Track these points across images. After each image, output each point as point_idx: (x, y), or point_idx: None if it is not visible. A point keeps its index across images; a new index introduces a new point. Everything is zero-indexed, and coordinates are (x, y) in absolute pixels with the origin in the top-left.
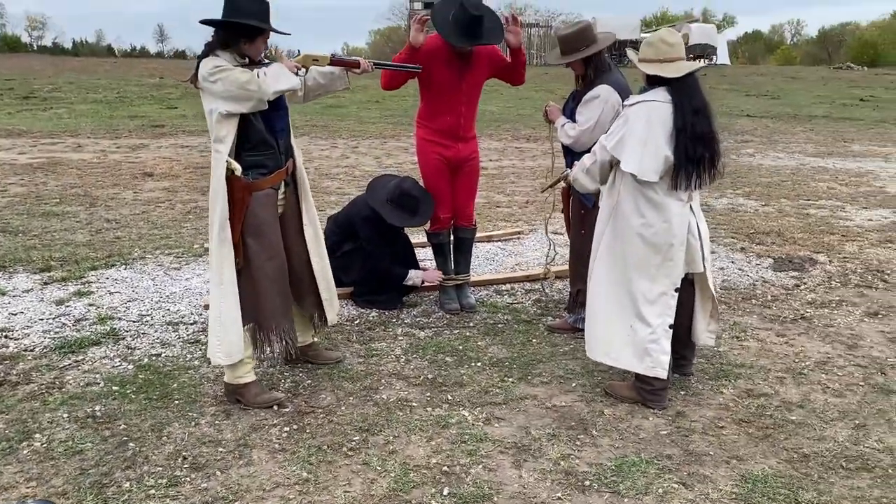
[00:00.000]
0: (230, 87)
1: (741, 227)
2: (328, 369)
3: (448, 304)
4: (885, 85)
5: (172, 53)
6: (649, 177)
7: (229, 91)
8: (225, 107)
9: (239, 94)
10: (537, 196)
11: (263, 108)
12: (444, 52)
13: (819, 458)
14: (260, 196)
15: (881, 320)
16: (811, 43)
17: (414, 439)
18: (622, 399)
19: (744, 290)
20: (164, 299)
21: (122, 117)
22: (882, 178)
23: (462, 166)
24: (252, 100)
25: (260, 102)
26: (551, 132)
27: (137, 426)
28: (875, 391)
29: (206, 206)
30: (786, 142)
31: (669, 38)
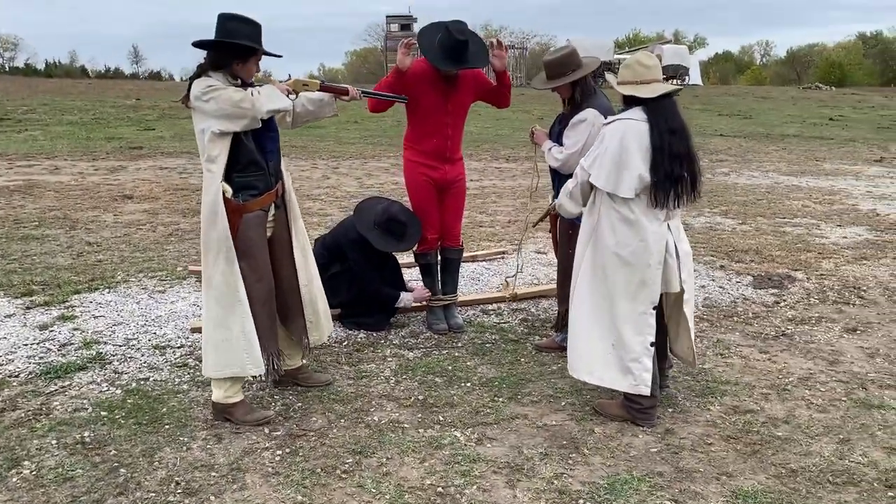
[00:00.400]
0: (224, 105)
1: (720, 246)
2: (318, 391)
3: (436, 324)
4: (853, 105)
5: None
6: (623, 192)
7: (223, 109)
8: (218, 125)
9: (233, 112)
10: (519, 215)
11: (257, 126)
12: (431, 76)
13: (806, 473)
14: (250, 218)
15: (860, 336)
16: (780, 63)
17: (407, 461)
18: (612, 417)
19: (725, 308)
20: (149, 323)
21: (99, 139)
22: (854, 195)
23: (449, 187)
24: (246, 118)
25: (254, 121)
26: (537, 154)
27: (128, 451)
28: (857, 406)
29: (187, 229)
30: (759, 161)
31: (646, 61)
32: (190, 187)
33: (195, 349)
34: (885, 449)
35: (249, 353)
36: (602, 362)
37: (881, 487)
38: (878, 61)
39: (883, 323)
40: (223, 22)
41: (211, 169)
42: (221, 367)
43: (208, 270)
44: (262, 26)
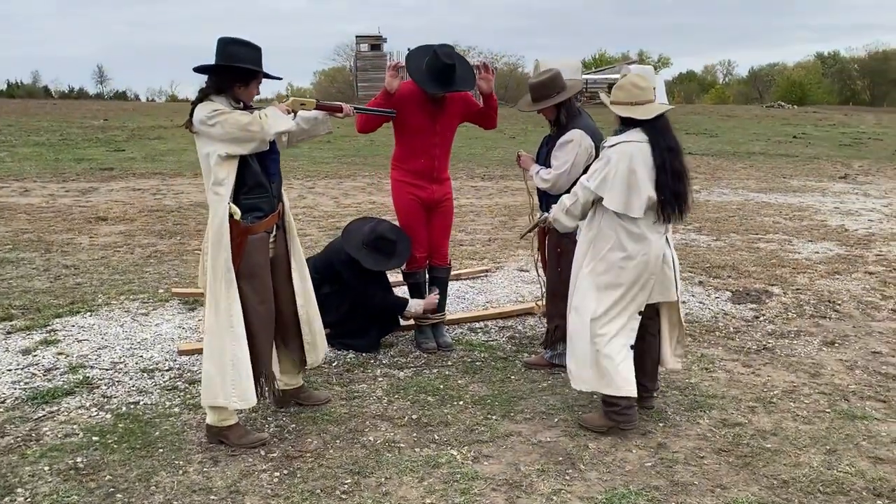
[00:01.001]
0: (231, 129)
1: (697, 262)
2: (311, 412)
3: (425, 343)
4: (814, 123)
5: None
6: (635, 213)
7: (230, 133)
8: (225, 149)
9: (241, 136)
10: (498, 234)
11: (265, 148)
12: (418, 98)
13: (797, 484)
14: (254, 240)
15: (838, 349)
16: (742, 82)
17: (406, 480)
18: (596, 429)
19: (707, 323)
20: (135, 346)
21: (68, 160)
22: (822, 212)
23: (436, 207)
24: (255, 140)
25: (262, 143)
26: (525, 178)
27: (123, 476)
28: (841, 417)
29: (166, 251)
30: (728, 178)
31: (640, 83)
32: (165, 209)
33: (184, 372)
34: (871, 459)
35: (236, 386)
36: (589, 367)
37: (870, 496)
38: (836, 80)
39: (859, 336)
40: (224, 46)
41: (219, 192)
42: (226, 397)
43: (216, 295)
44: (261, 49)
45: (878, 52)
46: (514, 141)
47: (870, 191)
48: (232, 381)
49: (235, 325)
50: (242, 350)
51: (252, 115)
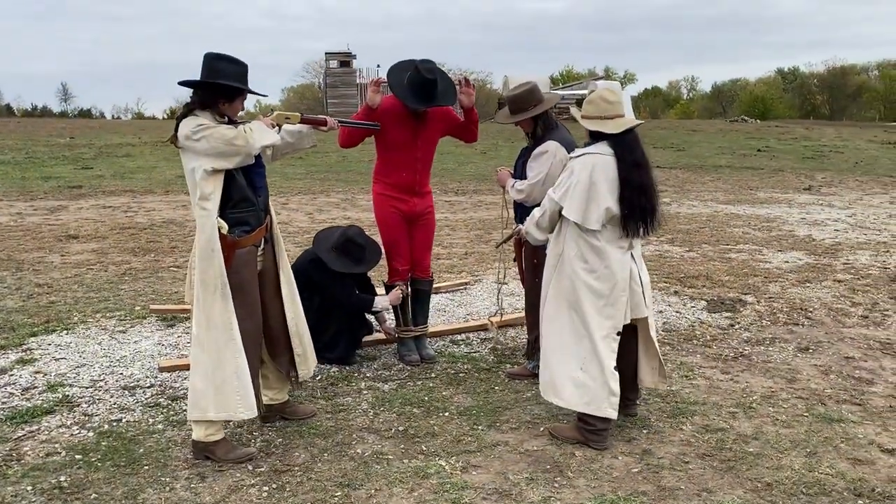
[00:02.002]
0: (216, 143)
1: (671, 272)
2: (297, 426)
3: (407, 355)
4: (777, 136)
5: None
6: (591, 225)
7: (216, 148)
8: (211, 163)
9: (226, 150)
10: (475, 248)
11: (250, 162)
12: (400, 112)
13: (780, 486)
14: (242, 254)
15: (812, 355)
16: (706, 98)
17: (396, 491)
18: (565, 440)
19: (684, 332)
20: (114, 363)
21: (35, 178)
22: (790, 222)
23: (418, 220)
24: (240, 154)
25: (248, 157)
26: (504, 194)
27: (109, 494)
28: (819, 421)
29: (140, 268)
30: (697, 190)
31: (609, 97)
32: (136, 226)
33: (166, 388)
34: (850, 460)
35: (242, 396)
36: (569, 385)
37: (851, 496)
38: (796, 95)
39: (832, 342)
40: (209, 62)
41: (206, 206)
42: (218, 410)
43: (208, 309)
44: (247, 66)
45: (836, 67)
46: (485, 156)
47: (834, 202)
48: (237, 392)
49: (235, 337)
50: (244, 360)
51: (237, 129)
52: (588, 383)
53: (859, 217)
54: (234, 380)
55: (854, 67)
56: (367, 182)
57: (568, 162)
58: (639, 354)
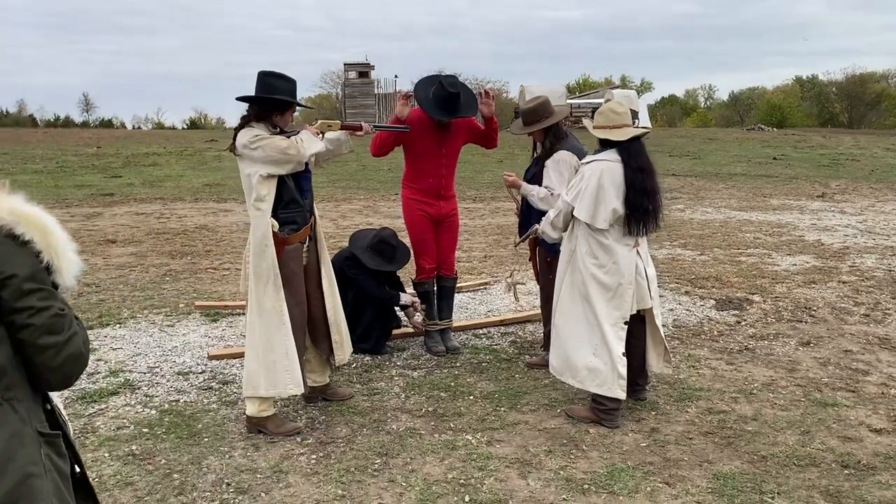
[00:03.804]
0: (272, 152)
1: (682, 274)
2: (337, 406)
3: (434, 346)
4: (793, 144)
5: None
6: (600, 224)
7: (270, 156)
8: (266, 169)
9: (280, 158)
10: (493, 252)
11: (301, 169)
12: (426, 123)
13: (775, 459)
14: (290, 250)
15: (813, 348)
16: (723, 106)
17: (429, 460)
18: (580, 419)
19: (693, 327)
20: (167, 353)
21: (68, 187)
22: (800, 228)
23: (443, 222)
24: (292, 162)
25: (299, 164)
26: (515, 195)
27: (177, 461)
28: (815, 405)
29: (179, 270)
30: (711, 198)
31: (618, 108)
32: (170, 231)
33: (216, 374)
34: (840, 438)
35: (291, 374)
36: (584, 368)
37: (838, 467)
38: (814, 104)
39: (832, 337)
40: (264, 78)
41: (260, 207)
42: (268, 387)
43: (260, 297)
44: (296, 82)
45: (855, 75)
46: (501, 165)
47: (846, 208)
48: (286, 370)
49: (286, 322)
50: (293, 343)
51: (290, 139)
52: (600, 367)
53: (869, 223)
54: (284, 360)
55: (873, 75)
56: (387, 189)
57: (580, 167)
58: (646, 342)
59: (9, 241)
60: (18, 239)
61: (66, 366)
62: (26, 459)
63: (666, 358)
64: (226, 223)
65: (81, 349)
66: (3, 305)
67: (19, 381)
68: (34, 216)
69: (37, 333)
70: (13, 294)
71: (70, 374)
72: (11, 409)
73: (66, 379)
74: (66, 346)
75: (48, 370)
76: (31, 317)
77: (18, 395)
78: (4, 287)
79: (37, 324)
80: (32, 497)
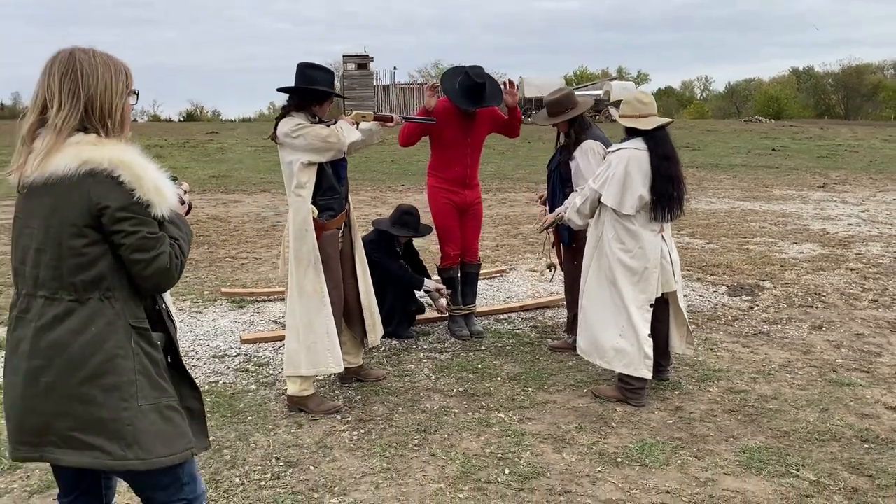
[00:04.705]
0: (313, 140)
1: (693, 262)
2: (372, 387)
3: (459, 331)
4: (791, 136)
5: None
6: (626, 210)
7: (312, 144)
8: (307, 157)
9: (321, 146)
10: (504, 241)
11: (341, 157)
12: (452, 113)
13: (797, 434)
14: (328, 235)
15: (825, 332)
16: (720, 97)
17: (466, 436)
18: (607, 399)
19: (707, 312)
20: (199, 337)
21: None
22: (804, 217)
23: (468, 209)
24: (332, 150)
25: (339, 152)
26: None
27: (225, 437)
28: (831, 385)
29: (198, 259)
30: (714, 188)
31: (644, 98)
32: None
33: (251, 357)
34: (858, 415)
35: (332, 353)
36: (611, 349)
37: (858, 441)
38: (811, 95)
39: (843, 321)
40: (303, 70)
41: (301, 194)
42: (309, 366)
43: (300, 280)
44: (334, 73)
45: (851, 66)
46: (503, 156)
47: (847, 198)
48: (327, 349)
49: (326, 303)
50: (333, 323)
51: (330, 128)
52: (627, 348)
53: (872, 212)
54: (325, 339)
55: (869, 66)
56: (393, 181)
57: (607, 155)
58: (670, 324)
59: (108, 180)
60: (115, 179)
61: (154, 277)
62: (115, 343)
63: (689, 339)
64: (237, 213)
65: (167, 266)
66: (104, 229)
67: (118, 285)
68: (129, 161)
69: (128, 251)
70: (109, 221)
71: (159, 284)
72: (109, 304)
73: (157, 287)
74: (153, 261)
75: (141, 279)
76: (123, 238)
77: (116, 296)
78: (102, 215)
79: (127, 244)
80: (116, 372)
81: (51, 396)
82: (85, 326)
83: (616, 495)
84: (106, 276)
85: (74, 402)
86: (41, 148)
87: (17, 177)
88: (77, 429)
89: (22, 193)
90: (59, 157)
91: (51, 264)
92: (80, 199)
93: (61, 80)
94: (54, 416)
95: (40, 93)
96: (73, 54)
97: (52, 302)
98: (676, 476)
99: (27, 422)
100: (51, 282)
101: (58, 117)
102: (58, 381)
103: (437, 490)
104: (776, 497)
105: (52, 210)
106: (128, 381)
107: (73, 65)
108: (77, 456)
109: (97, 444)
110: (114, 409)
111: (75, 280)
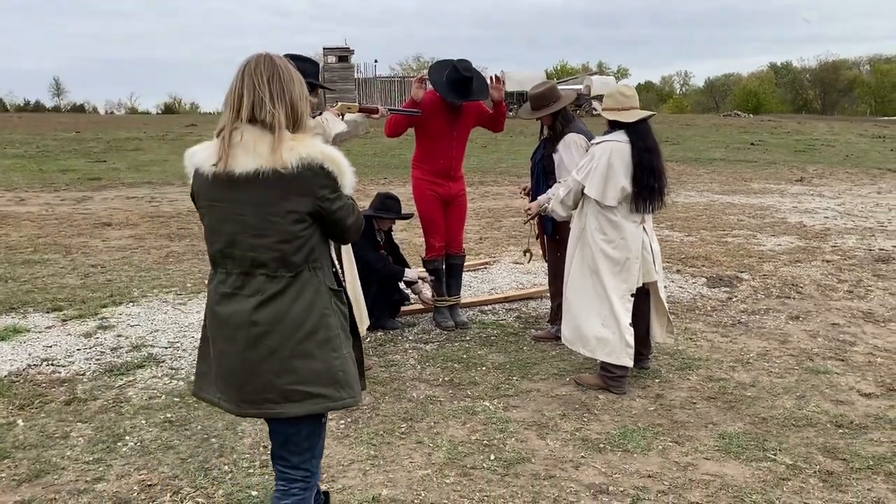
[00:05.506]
0: None
1: (673, 254)
2: None
3: (444, 322)
4: (770, 130)
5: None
6: (609, 202)
7: None
8: None
9: None
10: (487, 234)
11: None
12: (439, 105)
13: (775, 420)
14: None
15: (802, 322)
16: (699, 92)
17: (452, 424)
18: (590, 387)
19: (687, 303)
20: (184, 329)
21: (53, 171)
22: (782, 210)
23: (452, 201)
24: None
25: (324, 142)
26: (534, 216)
27: (212, 426)
28: (808, 372)
29: (181, 251)
30: (693, 182)
31: (626, 92)
32: (164, 214)
33: None
34: (833, 401)
35: None
36: (593, 338)
37: (833, 427)
38: (788, 90)
39: (819, 311)
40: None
41: None
42: None
43: None
44: (319, 65)
45: (828, 62)
46: (485, 149)
47: (824, 192)
48: None
49: None
50: None
51: (316, 119)
52: (608, 337)
53: (848, 206)
54: None
55: (846, 62)
56: (376, 174)
57: (590, 148)
58: (650, 313)
59: (321, 170)
60: (327, 171)
61: (354, 226)
62: (323, 304)
63: (669, 329)
64: None
65: (362, 221)
66: (322, 212)
67: (322, 256)
68: (332, 155)
69: (340, 216)
70: (326, 203)
71: (358, 230)
72: (316, 274)
73: (357, 232)
74: (355, 221)
75: (346, 230)
76: (336, 210)
77: (320, 265)
78: (323, 201)
79: (339, 216)
80: (328, 326)
81: (275, 357)
82: (300, 294)
83: (599, 479)
84: (315, 251)
85: (297, 359)
86: (251, 143)
87: (222, 168)
88: (300, 382)
89: (225, 184)
90: (280, 153)
91: (272, 247)
92: (301, 190)
93: (269, 83)
94: (277, 373)
95: (244, 93)
96: (272, 59)
97: (273, 279)
98: (657, 461)
99: (251, 382)
100: (272, 262)
101: (273, 117)
102: (281, 343)
103: (425, 476)
104: (754, 480)
105: (271, 199)
106: (335, 335)
107: (276, 69)
108: (298, 407)
109: (317, 392)
110: (327, 360)
111: (295, 258)
